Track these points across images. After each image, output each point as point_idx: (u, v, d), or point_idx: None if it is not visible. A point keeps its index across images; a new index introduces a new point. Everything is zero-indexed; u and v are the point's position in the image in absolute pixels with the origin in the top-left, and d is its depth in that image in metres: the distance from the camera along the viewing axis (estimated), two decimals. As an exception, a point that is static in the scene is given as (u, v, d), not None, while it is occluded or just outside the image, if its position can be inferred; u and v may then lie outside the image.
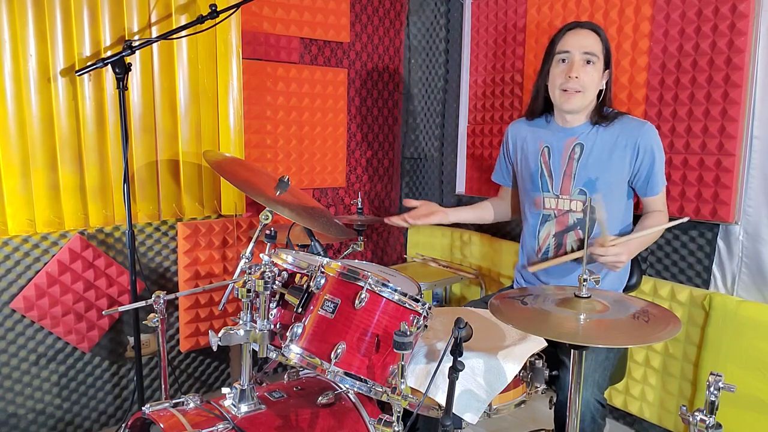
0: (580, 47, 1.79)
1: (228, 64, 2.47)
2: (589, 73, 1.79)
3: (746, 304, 2.04)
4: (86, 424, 2.45)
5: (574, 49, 1.79)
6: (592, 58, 1.79)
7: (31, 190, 2.13)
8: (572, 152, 1.88)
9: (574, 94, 1.80)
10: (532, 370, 1.51)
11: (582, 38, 1.80)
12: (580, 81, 1.78)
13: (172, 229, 2.55)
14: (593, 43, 1.80)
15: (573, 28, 1.83)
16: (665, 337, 1.20)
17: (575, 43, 1.80)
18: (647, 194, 1.88)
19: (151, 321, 1.68)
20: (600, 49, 1.80)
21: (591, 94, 1.83)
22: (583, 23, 1.85)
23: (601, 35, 1.82)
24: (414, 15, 3.26)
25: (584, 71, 1.79)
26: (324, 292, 1.35)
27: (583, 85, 1.79)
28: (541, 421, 2.40)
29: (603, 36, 1.82)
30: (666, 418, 2.31)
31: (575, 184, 1.87)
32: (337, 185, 3.07)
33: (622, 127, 1.84)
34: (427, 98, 3.34)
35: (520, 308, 1.36)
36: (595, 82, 1.82)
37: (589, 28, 1.83)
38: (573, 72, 1.78)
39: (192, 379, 2.74)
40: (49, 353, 2.31)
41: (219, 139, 2.50)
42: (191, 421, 1.37)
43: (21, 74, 2.06)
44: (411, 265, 3.29)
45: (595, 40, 1.80)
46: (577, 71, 1.78)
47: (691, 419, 1.18)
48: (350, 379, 1.32)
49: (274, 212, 1.58)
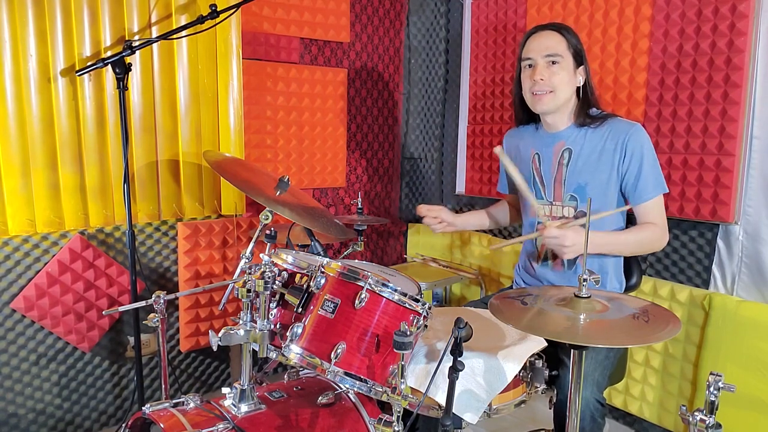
0: (541, 50, 1.79)
1: (228, 64, 2.47)
2: (556, 73, 1.78)
3: (746, 304, 2.04)
4: (86, 424, 2.45)
5: (535, 54, 1.80)
6: (556, 58, 1.78)
7: (31, 190, 2.13)
8: (561, 158, 1.86)
9: (544, 95, 1.80)
10: (532, 370, 1.51)
11: (543, 40, 1.80)
12: (547, 82, 1.78)
13: (172, 229, 2.55)
14: (555, 44, 1.79)
15: (534, 32, 1.83)
16: (665, 337, 1.20)
17: (536, 47, 1.80)
18: (637, 201, 1.77)
19: (152, 321, 1.68)
20: (564, 48, 1.79)
21: (563, 92, 1.80)
22: (545, 25, 1.84)
23: (565, 34, 1.80)
24: (414, 15, 3.26)
25: (549, 71, 1.78)
26: (324, 292, 1.35)
27: (552, 85, 1.78)
28: (541, 421, 2.40)
29: (567, 34, 1.81)
30: (666, 417, 2.31)
31: (566, 191, 1.85)
32: (337, 185, 3.07)
33: (610, 129, 1.80)
34: (427, 98, 3.34)
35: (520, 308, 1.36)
36: (565, 80, 1.79)
37: (551, 29, 1.82)
38: (537, 75, 1.78)
39: (192, 379, 2.74)
40: (49, 353, 2.31)
41: (219, 139, 2.51)
42: (191, 421, 1.37)
43: (21, 74, 2.06)
44: (411, 265, 3.29)
45: (557, 40, 1.79)
46: (540, 73, 1.78)
47: (690, 419, 1.18)
48: (350, 379, 1.32)
49: (274, 212, 1.58)
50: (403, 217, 3.41)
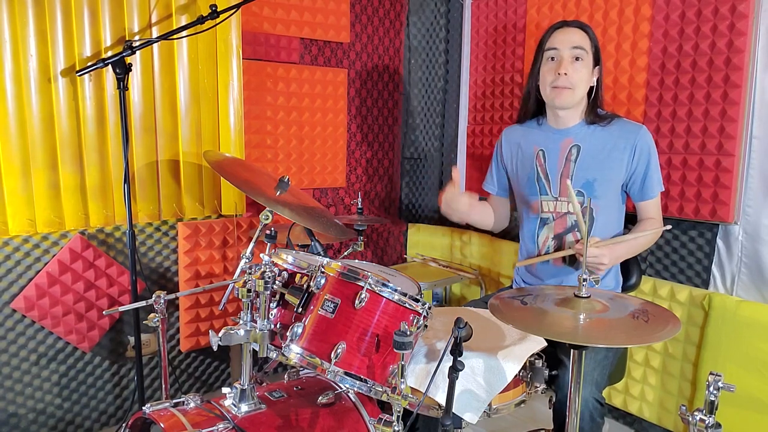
0: (569, 43, 1.80)
1: (228, 65, 2.47)
2: (578, 70, 1.81)
3: (745, 304, 2.05)
4: (87, 423, 2.45)
5: (562, 46, 1.81)
6: (581, 53, 1.80)
7: (31, 190, 2.13)
8: (569, 154, 1.88)
9: (564, 90, 1.81)
10: (531, 370, 1.51)
11: (570, 35, 1.82)
12: (570, 78, 1.80)
13: (172, 229, 2.55)
14: (581, 39, 1.81)
15: (560, 27, 1.85)
16: (665, 337, 1.20)
17: (563, 40, 1.82)
18: (642, 198, 1.87)
19: (152, 321, 1.68)
20: (588, 45, 1.82)
21: (581, 90, 1.83)
22: (570, 22, 1.86)
23: (589, 33, 1.84)
24: (414, 15, 3.26)
25: (573, 68, 1.80)
26: (324, 292, 1.35)
27: (573, 83, 1.80)
28: (540, 420, 2.40)
29: (591, 33, 1.84)
30: (666, 417, 2.31)
31: (573, 186, 1.86)
32: (337, 185, 3.07)
33: (620, 128, 1.85)
34: (427, 98, 3.34)
35: (520, 308, 1.36)
36: (585, 79, 1.82)
37: (576, 26, 1.84)
38: (562, 69, 1.79)
39: (192, 379, 2.74)
40: (49, 353, 2.31)
41: (219, 139, 2.51)
42: (191, 420, 1.37)
43: (21, 74, 2.06)
44: (411, 265, 3.29)
45: (582, 36, 1.82)
46: (566, 68, 1.79)
47: (690, 419, 1.18)
48: (350, 378, 1.33)
49: (274, 212, 1.58)
50: (403, 217, 3.41)
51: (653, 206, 1.88)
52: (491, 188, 2.16)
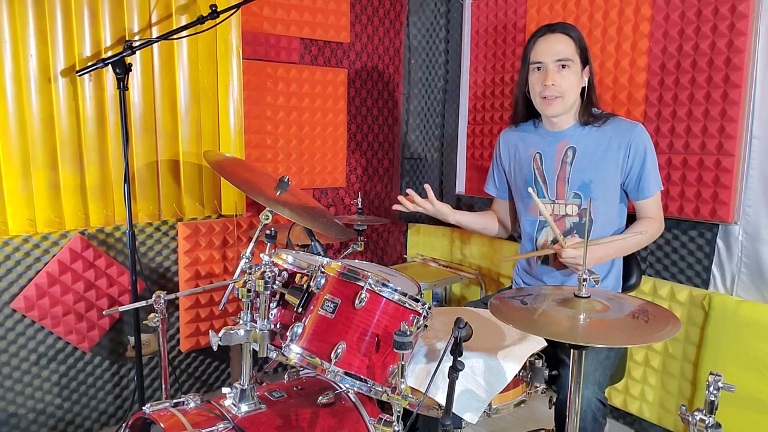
0: (552, 55, 1.79)
1: (228, 65, 2.47)
2: (566, 77, 1.79)
3: (745, 304, 2.05)
4: (87, 423, 2.45)
5: (545, 58, 1.80)
6: (566, 62, 1.79)
7: (31, 190, 2.13)
8: (565, 156, 1.87)
9: (554, 100, 1.81)
10: (531, 370, 1.51)
11: (553, 44, 1.80)
12: (557, 87, 1.79)
13: (172, 229, 2.55)
14: (565, 48, 1.79)
15: (543, 35, 1.82)
16: (665, 337, 1.20)
17: (546, 51, 1.80)
18: (639, 197, 1.86)
19: (152, 321, 1.68)
20: (573, 52, 1.79)
21: (571, 96, 1.82)
22: (553, 26, 1.83)
23: (573, 36, 1.81)
24: (414, 15, 3.26)
25: (560, 76, 1.79)
26: (324, 292, 1.35)
27: (562, 90, 1.80)
28: (540, 420, 2.40)
29: (575, 35, 1.81)
30: (666, 417, 2.31)
31: (570, 188, 1.86)
32: (337, 185, 3.07)
33: (614, 128, 1.83)
34: (427, 98, 3.34)
35: (520, 308, 1.36)
36: (574, 84, 1.81)
37: (559, 31, 1.81)
38: (548, 80, 1.78)
39: (192, 379, 2.74)
40: (49, 353, 2.31)
41: (219, 139, 2.51)
42: (191, 420, 1.37)
43: (21, 74, 2.06)
44: (411, 265, 3.29)
45: (566, 44, 1.79)
46: (552, 79, 1.78)
47: (690, 419, 1.18)
48: (350, 378, 1.33)
49: (274, 212, 1.58)
50: (403, 217, 3.41)
51: (651, 205, 1.87)
52: (492, 190, 2.16)
